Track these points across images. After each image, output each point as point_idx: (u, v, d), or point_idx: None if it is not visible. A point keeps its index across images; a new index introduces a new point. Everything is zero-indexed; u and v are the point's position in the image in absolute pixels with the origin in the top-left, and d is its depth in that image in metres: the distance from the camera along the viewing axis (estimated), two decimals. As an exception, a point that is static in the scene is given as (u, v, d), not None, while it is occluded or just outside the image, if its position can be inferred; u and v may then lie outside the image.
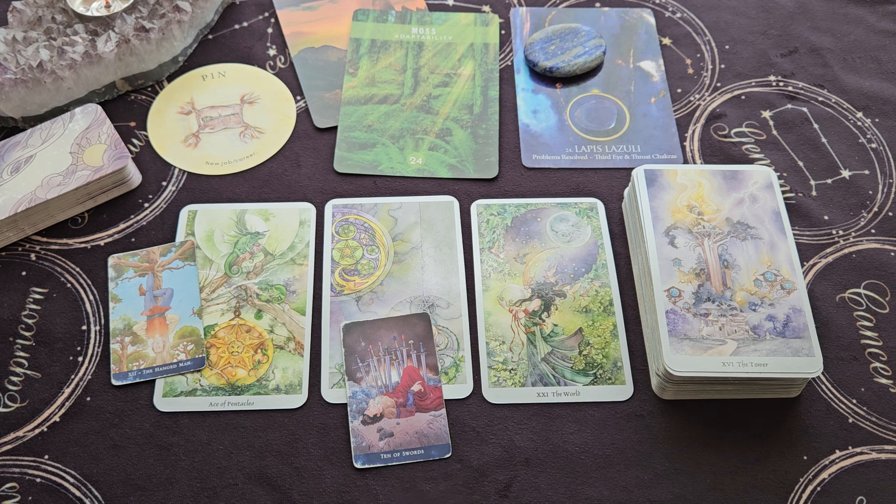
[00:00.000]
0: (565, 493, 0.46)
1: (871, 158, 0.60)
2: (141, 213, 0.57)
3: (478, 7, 0.69)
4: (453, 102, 0.62)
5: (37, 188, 0.54)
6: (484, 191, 0.58)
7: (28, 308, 0.52)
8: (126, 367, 0.50)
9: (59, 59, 0.58)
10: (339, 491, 0.46)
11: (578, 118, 0.62)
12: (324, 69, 0.64)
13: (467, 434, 0.48)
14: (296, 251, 0.55)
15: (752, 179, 0.53)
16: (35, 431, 0.48)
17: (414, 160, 0.59)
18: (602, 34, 0.66)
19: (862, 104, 0.62)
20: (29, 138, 0.57)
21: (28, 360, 0.50)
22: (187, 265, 0.54)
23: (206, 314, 0.52)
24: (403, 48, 0.65)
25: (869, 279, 0.54)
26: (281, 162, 0.59)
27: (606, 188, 0.58)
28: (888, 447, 0.48)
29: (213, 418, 0.48)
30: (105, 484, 0.46)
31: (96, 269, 0.54)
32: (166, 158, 0.59)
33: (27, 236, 0.55)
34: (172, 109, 0.62)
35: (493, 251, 0.55)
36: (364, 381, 0.49)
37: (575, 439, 0.48)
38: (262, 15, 0.68)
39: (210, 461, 0.47)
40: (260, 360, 0.50)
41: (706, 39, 0.67)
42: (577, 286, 0.53)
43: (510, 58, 0.66)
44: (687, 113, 0.62)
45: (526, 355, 0.50)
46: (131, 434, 0.48)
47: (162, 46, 0.62)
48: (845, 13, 0.68)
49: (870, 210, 0.57)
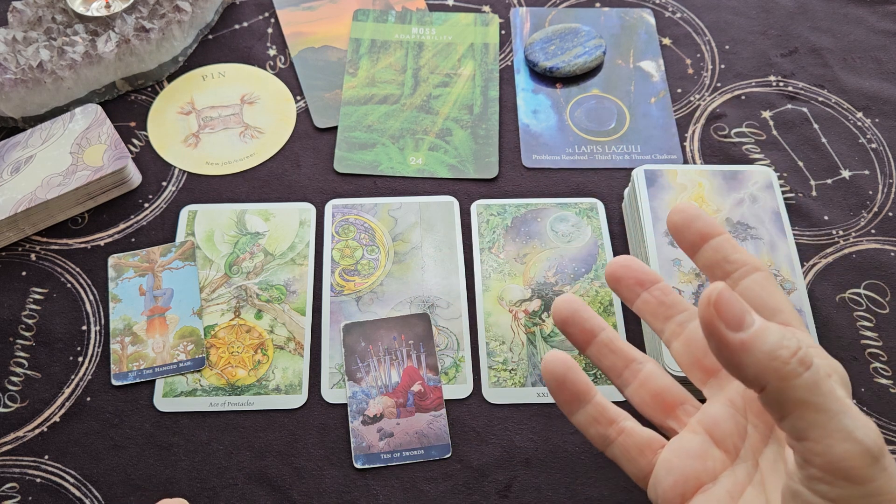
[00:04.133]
0: (565, 494, 0.46)
1: (871, 158, 0.60)
2: (141, 213, 0.57)
3: (478, 7, 0.69)
4: (453, 102, 0.62)
5: (37, 188, 0.54)
6: (484, 191, 0.58)
7: (28, 308, 0.52)
8: (126, 367, 0.50)
9: (59, 59, 0.58)
10: (339, 491, 0.46)
11: (578, 118, 0.62)
12: (324, 69, 0.64)
13: (467, 434, 0.48)
14: (296, 251, 0.55)
15: (752, 179, 0.53)
16: (35, 431, 0.48)
17: (414, 160, 0.59)
18: (602, 34, 0.66)
19: (862, 104, 0.62)
20: (29, 138, 0.57)
21: (28, 361, 0.50)
22: (187, 265, 0.54)
23: (206, 314, 0.52)
24: (403, 48, 0.65)
25: (869, 279, 0.54)
26: (281, 162, 0.59)
27: (606, 188, 0.58)
28: (888, 447, 0.48)
29: (213, 418, 0.48)
30: (105, 484, 0.46)
31: (96, 269, 0.54)
32: (166, 158, 0.59)
33: (27, 236, 0.55)
34: (172, 109, 0.62)
35: (493, 251, 0.55)
36: (364, 381, 0.49)
37: (575, 439, 0.48)
38: (262, 15, 0.68)
39: (210, 461, 0.47)
40: (260, 360, 0.50)
41: (706, 39, 0.67)
42: (577, 286, 0.53)
43: (510, 58, 0.66)
44: (687, 113, 0.62)
45: (526, 355, 0.50)
46: (131, 434, 0.48)
47: (162, 46, 0.62)
48: (845, 13, 0.68)
49: (870, 210, 0.57)
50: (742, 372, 0.27)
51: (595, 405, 0.36)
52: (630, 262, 0.37)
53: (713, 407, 0.34)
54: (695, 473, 0.33)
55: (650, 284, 0.36)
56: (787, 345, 0.26)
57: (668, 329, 0.36)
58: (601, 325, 0.37)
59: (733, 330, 0.26)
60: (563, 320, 0.37)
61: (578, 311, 0.37)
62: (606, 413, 0.36)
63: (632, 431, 0.35)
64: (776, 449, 0.32)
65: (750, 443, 0.33)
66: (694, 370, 0.35)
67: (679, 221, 0.35)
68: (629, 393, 0.36)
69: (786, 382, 0.26)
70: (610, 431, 0.35)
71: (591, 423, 0.36)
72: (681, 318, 0.36)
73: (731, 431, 0.33)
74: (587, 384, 0.36)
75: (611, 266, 0.37)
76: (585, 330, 0.37)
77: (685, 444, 0.34)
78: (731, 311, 0.26)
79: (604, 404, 0.36)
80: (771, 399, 0.27)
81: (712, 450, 0.33)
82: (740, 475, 0.32)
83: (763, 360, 0.26)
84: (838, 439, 0.26)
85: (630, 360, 0.36)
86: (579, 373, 0.36)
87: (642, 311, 0.37)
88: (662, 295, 0.36)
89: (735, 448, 0.33)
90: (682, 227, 0.35)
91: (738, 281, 0.33)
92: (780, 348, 0.26)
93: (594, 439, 0.36)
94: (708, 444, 0.33)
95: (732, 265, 0.33)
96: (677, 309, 0.36)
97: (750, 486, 0.32)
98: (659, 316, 0.36)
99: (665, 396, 0.36)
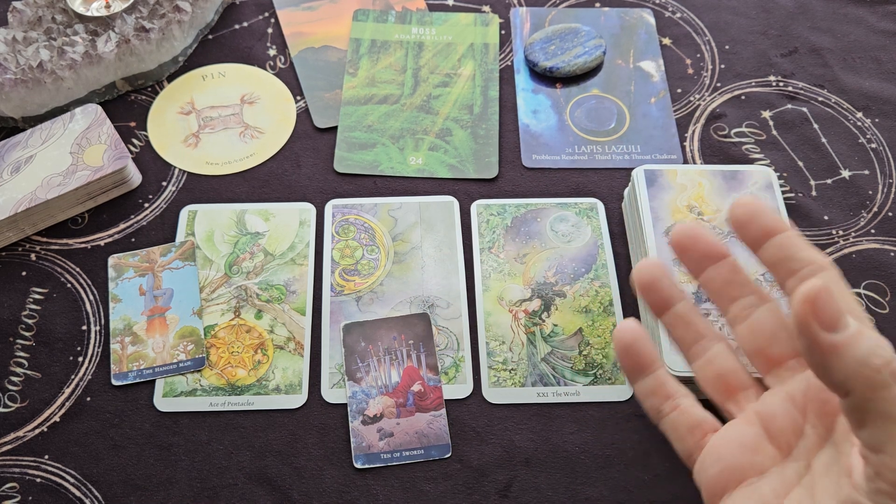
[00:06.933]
0: (565, 493, 0.46)
1: (871, 158, 0.60)
2: (141, 213, 0.57)
3: (478, 7, 0.69)
4: (453, 102, 0.62)
5: (37, 188, 0.54)
6: (484, 191, 0.58)
7: (28, 308, 0.52)
8: (126, 367, 0.50)
9: (59, 59, 0.58)
10: (339, 491, 0.46)
11: (578, 118, 0.62)
12: (324, 69, 0.64)
13: (467, 434, 0.48)
14: (296, 251, 0.55)
15: (752, 179, 0.53)
16: (35, 431, 0.48)
17: (414, 160, 0.59)
18: (602, 34, 0.66)
19: (862, 104, 0.62)
20: (29, 138, 0.57)
21: (28, 360, 0.50)
22: (187, 265, 0.54)
23: (206, 314, 0.52)
24: (403, 48, 0.65)
25: (869, 279, 0.54)
26: (281, 162, 0.59)
27: (606, 188, 0.58)
28: (888, 447, 0.48)
29: (213, 418, 0.48)
30: (105, 484, 0.46)
31: (96, 269, 0.54)
32: (166, 158, 0.59)
33: (27, 236, 0.55)
34: (172, 109, 0.62)
35: (493, 251, 0.55)
36: (364, 381, 0.49)
37: (575, 439, 0.48)
38: (262, 15, 0.68)
39: (210, 461, 0.47)
40: (260, 360, 0.50)
41: (706, 39, 0.67)
42: (577, 286, 0.53)
43: (510, 58, 0.66)
44: (687, 113, 0.62)
45: (526, 355, 0.50)
46: (131, 434, 0.48)
47: (162, 46, 0.62)
48: (845, 13, 0.68)
49: (870, 210, 0.57)
50: (830, 375, 0.26)
51: (656, 377, 0.35)
52: (697, 231, 0.35)
53: (773, 399, 0.33)
54: (741, 466, 0.32)
55: (718, 259, 0.35)
56: (882, 354, 0.25)
57: (733, 311, 0.34)
58: (679, 296, 0.35)
59: (828, 330, 0.25)
60: (642, 286, 0.35)
61: (659, 278, 0.35)
62: (665, 387, 0.35)
63: (686, 409, 0.34)
64: (832, 453, 0.30)
65: (805, 443, 0.32)
66: (757, 358, 0.34)
67: (742, 216, 0.33)
68: (695, 368, 0.36)
69: (874, 393, 0.25)
70: (665, 406, 0.35)
71: (648, 395, 0.35)
72: (747, 302, 0.34)
73: (786, 428, 0.32)
74: (652, 356, 0.35)
75: (676, 234, 0.35)
76: (663, 298, 0.35)
77: (738, 434, 0.33)
78: (828, 311, 0.25)
79: (664, 378, 0.35)
80: (854, 406, 0.26)
81: (764, 444, 0.32)
82: (789, 474, 0.31)
83: (854, 366, 0.25)
84: None
85: (701, 336, 0.35)
86: (646, 344, 0.35)
87: (707, 287, 0.35)
88: (731, 273, 0.34)
89: (788, 445, 0.32)
90: (745, 222, 0.33)
91: (803, 280, 0.31)
92: (874, 356, 0.25)
93: (649, 411, 0.35)
94: (761, 438, 0.32)
95: (798, 263, 0.32)
96: (745, 290, 0.34)
97: (798, 487, 0.31)
98: (724, 296, 0.35)
99: (729, 379, 0.35)
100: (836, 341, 0.25)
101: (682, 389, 0.35)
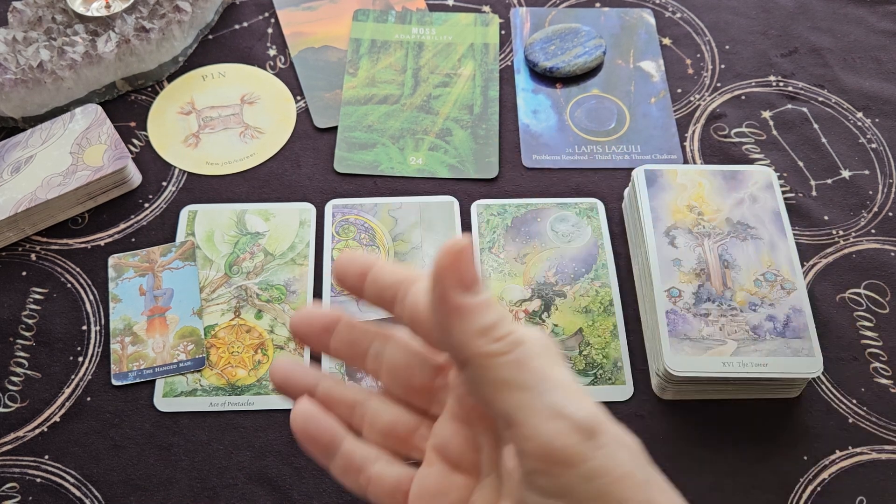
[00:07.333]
0: (565, 494, 0.46)
1: (871, 158, 0.60)
2: (141, 213, 0.57)
3: (478, 7, 0.69)
4: (453, 102, 0.62)
5: (37, 188, 0.54)
6: (484, 191, 0.58)
7: (28, 308, 0.52)
8: (126, 367, 0.50)
9: (60, 59, 0.58)
10: (340, 491, 0.46)
11: (578, 118, 0.62)
12: (324, 69, 0.64)
13: (467, 434, 0.48)
14: (296, 251, 0.55)
15: (752, 179, 0.53)
16: (35, 431, 0.48)
17: (414, 160, 0.59)
18: (602, 34, 0.66)
19: (862, 104, 0.62)
20: (29, 138, 0.57)
21: (28, 360, 0.50)
22: (187, 265, 0.54)
23: (206, 314, 0.52)
24: (403, 48, 0.65)
25: (869, 279, 0.54)
26: (281, 162, 0.59)
27: (606, 188, 0.58)
28: (888, 447, 0.48)
29: (213, 418, 0.48)
30: (105, 484, 0.46)
31: (96, 269, 0.54)
32: (166, 158, 0.59)
33: (27, 236, 0.55)
34: (172, 109, 0.62)
35: (494, 251, 0.55)
36: (364, 381, 0.49)
37: (575, 439, 0.48)
38: (262, 15, 0.68)
39: (210, 461, 0.47)
40: (260, 360, 0.50)
41: (706, 39, 0.67)
42: (577, 286, 0.53)
43: (510, 58, 0.66)
44: (687, 113, 0.62)
45: (526, 355, 0.50)
46: (131, 434, 0.48)
47: (162, 46, 0.62)
48: (845, 13, 0.68)
49: (870, 210, 0.57)
50: (449, 337, 0.25)
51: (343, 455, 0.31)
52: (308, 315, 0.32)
53: (441, 426, 0.30)
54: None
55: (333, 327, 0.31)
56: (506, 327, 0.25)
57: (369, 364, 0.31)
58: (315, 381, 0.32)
59: (461, 290, 0.24)
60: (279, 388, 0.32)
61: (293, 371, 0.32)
62: (354, 461, 0.31)
63: (378, 477, 0.30)
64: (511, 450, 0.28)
65: (486, 454, 0.29)
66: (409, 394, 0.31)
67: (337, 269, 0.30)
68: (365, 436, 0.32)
69: (489, 360, 0.24)
70: (360, 481, 0.31)
71: (342, 474, 0.31)
72: (374, 350, 0.31)
73: (463, 448, 0.29)
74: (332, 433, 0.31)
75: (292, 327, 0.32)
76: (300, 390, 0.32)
77: (425, 482, 0.30)
78: (467, 271, 0.24)
79: (351, 452, 0.31)
80: (474, 379, 0.25)
81: (451, 478, 0.29)
82: (488, 493, 0.29)
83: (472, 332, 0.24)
84: (546, 417, 0.24)
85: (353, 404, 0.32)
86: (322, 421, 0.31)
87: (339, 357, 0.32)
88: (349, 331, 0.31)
89: (474, 465, 0.29)
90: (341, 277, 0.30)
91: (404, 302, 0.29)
92: (496, 329, 0.25)
93: (354, 492, 0.31)
94: (446, 473, 0.30)
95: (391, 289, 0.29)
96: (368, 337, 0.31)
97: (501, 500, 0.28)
98: (356, 355, 0.31)
99: (396, 429, 0.31)
100: (464, 303, 0.25)
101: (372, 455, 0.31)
